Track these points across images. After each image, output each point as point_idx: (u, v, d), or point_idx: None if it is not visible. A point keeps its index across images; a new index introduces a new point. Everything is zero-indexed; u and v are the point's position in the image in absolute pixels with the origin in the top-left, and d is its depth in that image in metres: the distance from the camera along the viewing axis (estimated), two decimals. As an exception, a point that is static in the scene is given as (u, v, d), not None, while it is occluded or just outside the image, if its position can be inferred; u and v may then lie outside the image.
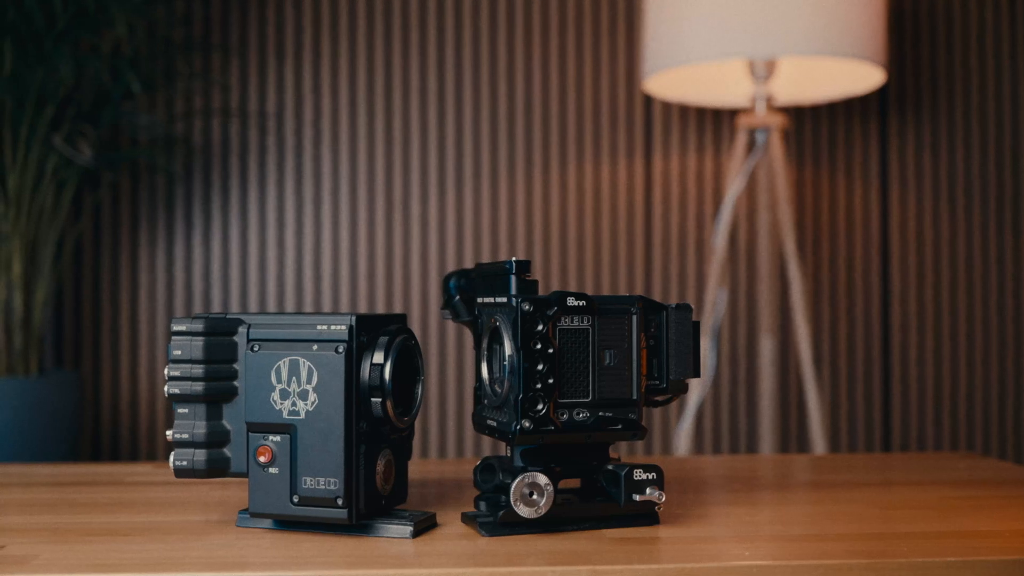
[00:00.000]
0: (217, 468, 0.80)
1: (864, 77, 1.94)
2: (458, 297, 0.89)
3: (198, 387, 0.79)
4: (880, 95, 2.26)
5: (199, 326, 0.79)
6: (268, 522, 0.81)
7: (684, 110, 2.22)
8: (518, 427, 0.78)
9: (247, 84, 2.16)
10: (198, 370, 0.79)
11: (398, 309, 2.17)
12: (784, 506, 0.92)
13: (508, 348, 0.78)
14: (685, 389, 0.84)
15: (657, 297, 2.20)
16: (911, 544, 0.76)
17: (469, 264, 2.17)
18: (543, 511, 0.78)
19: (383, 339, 0.79)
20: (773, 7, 1.75)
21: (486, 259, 2.18)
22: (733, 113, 2.20)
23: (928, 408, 2.27)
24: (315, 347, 0.77)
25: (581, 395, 0.80)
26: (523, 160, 2.19)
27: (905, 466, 1.19)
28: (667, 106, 2.21)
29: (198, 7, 2.16)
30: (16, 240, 1.85)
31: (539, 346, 0.78)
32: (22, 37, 1.80)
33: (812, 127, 2.25)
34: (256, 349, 0.78)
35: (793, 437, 2.22)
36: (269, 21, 2.16)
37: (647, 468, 0.80)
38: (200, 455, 0.79)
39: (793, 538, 0.79)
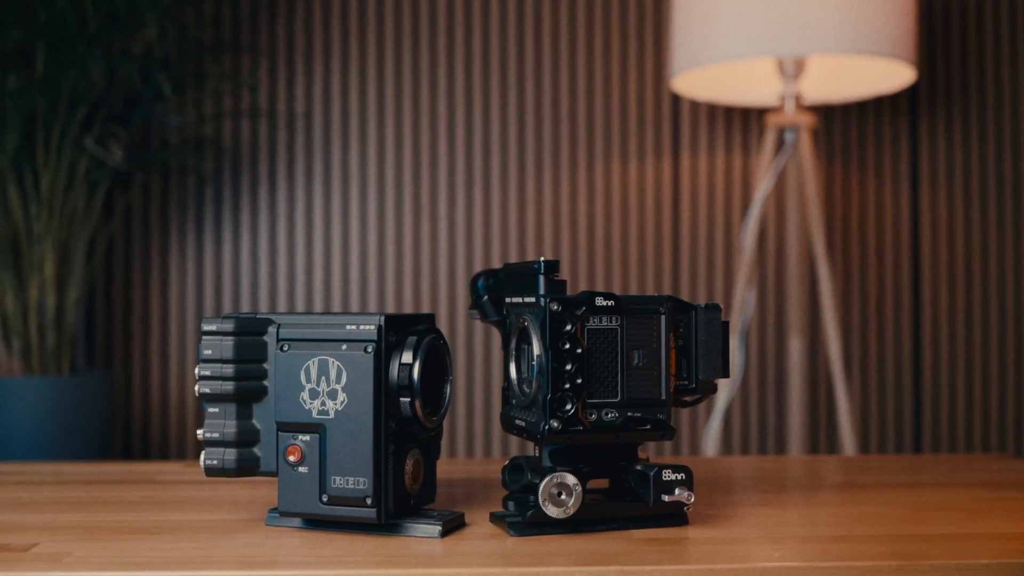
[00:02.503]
0: (247, 467, 0.80)
1: (894, 75, 1.93)
2: (486, 297, 0.89)
3: (228, 387, 0.79)
4: (910, 93, 2.24)
5: (229, 326, 0.80)
6: (297, 521, 0.81)
7: (712, 109, 2.21)
8: (547, 427, 0.77)
9: (276, 85, 2.17)
10: (228, 370, 0.79)
11: (425, 309, 2.17)
12: (813, 507, 0.91)
13: (537, 348, 0.78)
14: (714, 389, 0.84)
15: (685, 297, 2.19)
16: (942, 546, 0.76)
17: (496, 264, 2.17)
18: (572, 511, 0.78)
19: (412, 339, 0.79)
20: (802, 5, 1.74)
21: (513, 259, 2.18)
22: (762, 112, 2.19)
23: (959, 409, 2.25)
24: (344, 347, 0.77)
25: (610, 395, 0.79)
26: (550, 160, 2.19)
27: (936, 467, 1.18)
28: (695, 105, 2.21)
29: (227, 9, 2.17)
30: (49, 241, 1.86)
31: (568, 346, 0.78)
32: (55, 40, 1.81)
33: (841, 126, 2.24)
34: (286, 349, 0.79)
35: (822, 438, 2.21)
36: (297, 23, 2.17)
37: (676, 468, 0.80)
38: (230, 454, 0.80)
39: (823, 539, 0.79)
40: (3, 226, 1.85)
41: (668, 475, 0.80)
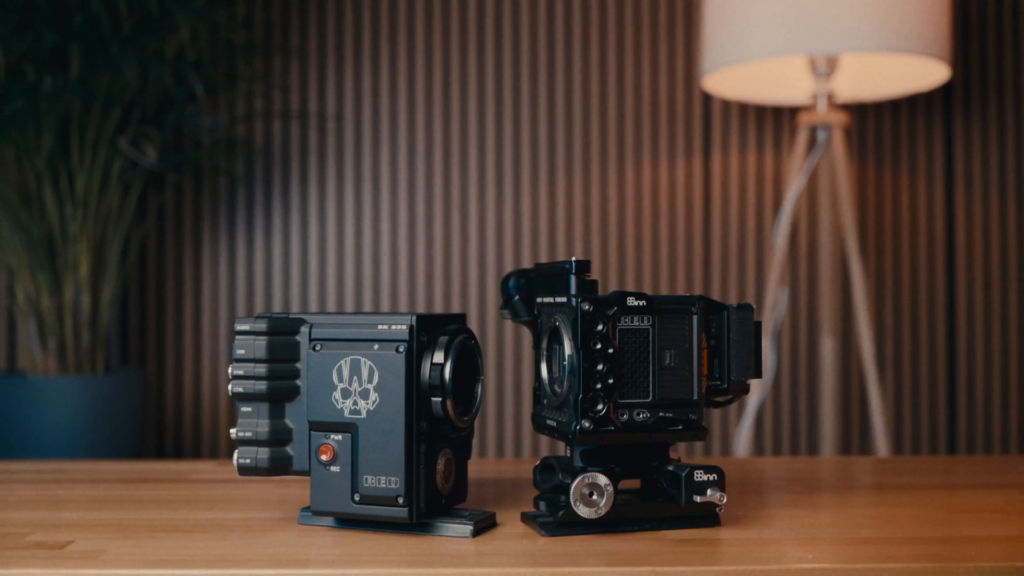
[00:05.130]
0: (280, 466, 0.80)
1: (928, 73, 1.91)
2: (517, 297, 0.89)
3: (261, 386, 0.80)
4: (945, 91, 2.22)
5: (262, 326, 0.80)
6: (329, 520, 0.82)
7: (744, 108, 2.20)
8: (578, 427, 0.77)
9: (307, 86, 2.18)
10: (261, 369, 0.80)
11: (456, 309, 2.17)
12: (846, 508, 0.91)
13: (568, 348, 0.78)
14: (746, 390, 0.83)
15: (716, 297, 2.18)
16: (977, 548, 0.75)
17: (526, 264, 2.17)
18: (603, 511, 0.78)
19: (443, 339, 0.79)
20: (835, 3, 1.73)
21: (543, 259, 2.18)
22: (794, 111, 2.18)
23: (995, 410, 2.23)
24: (376, 347, 0.78)
25: (641, 395, 0.79)
26: (581, 159, 2.19)
27: (971, 469, 1.17)
28: (726, 104, 2.20)
29: (259, 11, 2.18)
30: (83, 241, 1.88)
31: (599, 346, 0.77)
32: (89, 42, 1.83)
33: (875, 124, 2.22)
34: (318, 348, 0.79)
35: (855, 439, 2.20)
36: (328, 24, 2.18)
37: (708, 469, 0.80)
38: (263, 453, 0.80)
39: (855, 541, 0.78)
40: (39, 227, 1.87)
41: (700, 476, 0.79)
